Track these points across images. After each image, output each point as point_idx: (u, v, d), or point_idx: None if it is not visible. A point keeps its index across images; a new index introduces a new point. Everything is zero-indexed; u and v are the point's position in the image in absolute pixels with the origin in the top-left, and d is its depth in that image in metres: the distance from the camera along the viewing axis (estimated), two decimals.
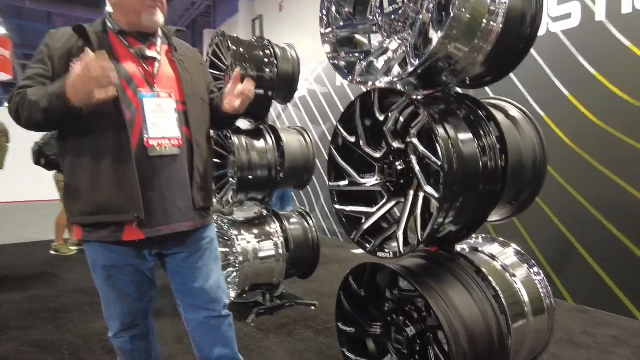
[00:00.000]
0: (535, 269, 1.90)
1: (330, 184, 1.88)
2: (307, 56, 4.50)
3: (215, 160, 3.22)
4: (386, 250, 1.63)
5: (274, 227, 3.11)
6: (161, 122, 1.53)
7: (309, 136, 3.23)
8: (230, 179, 3.07)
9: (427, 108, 1.46)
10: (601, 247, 3.08)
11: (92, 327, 2.87)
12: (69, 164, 1.49)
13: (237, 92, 1.62)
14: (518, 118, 1.82)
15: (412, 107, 1.59)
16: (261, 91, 2.90)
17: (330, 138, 1.84)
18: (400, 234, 1.54)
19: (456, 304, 1.53)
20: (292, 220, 3.26)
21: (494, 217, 1.95)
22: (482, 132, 1.56)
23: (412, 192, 1.58)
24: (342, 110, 1.77)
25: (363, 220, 1.74)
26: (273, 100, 3.12)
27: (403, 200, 1.62)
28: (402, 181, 1.62)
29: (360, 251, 1.79)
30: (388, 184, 1.68)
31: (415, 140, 1.47)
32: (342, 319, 1.91)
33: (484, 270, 1.71)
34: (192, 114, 1.62)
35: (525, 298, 1.80)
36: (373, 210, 1.71)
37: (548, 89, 3.35)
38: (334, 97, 5.73)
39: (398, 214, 1.69)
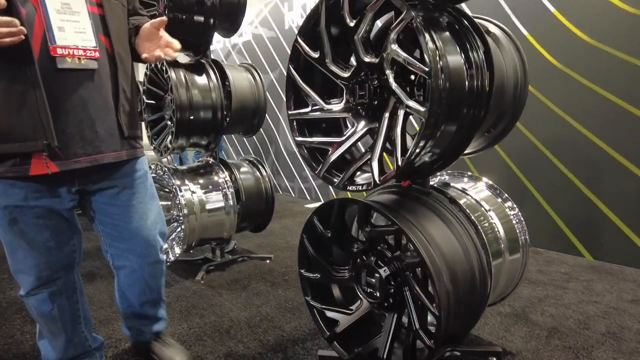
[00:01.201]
0: (510, 203, 1.79)
1: (290, 112, 1.61)
2: None
3: (149, 101, 2.81)
4: (357, 183, 1.41)
5: (222, 176, 2.80)
6: (71, 26, 1.21)
7: (258, 74, 2.89)
8: (168, 123, 2.69)
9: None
10: (553, 189, 3.12)
11: (9, 295, 2.47)
12: None
13: (154, 54, 1.34)
14: (499, 36, 1.63)
15: (388, 15, 1.35)
16: (201, 18, 2.51)
17: (278, 87, 1.57)
18: (375, 163, 1.33)
19: (436, 239, 1.36)
20: (242, 169, 2.96)
21: (467, 148, 1.80)
22: (468, 45, 1.35)
23: (387, 115, 1.36)
24: None
25: (331, 152, 1.50)
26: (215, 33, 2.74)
27: (377, 125, 1.40)
28: (375, 102, 1.39)
29: (314, 205, 1.56)
30: (359, 107, 1.44)
31: (395, 47, 1.23)
32: (305, 265, 1.71)
33: (461, 203, 1.56)
34: (111, 19, 1.31)
35: (502, 234, 1.69)
36: (341, 139, 1.48)
37: None
38: (282, 41, 5.32)
39: (363, 150, 1.48)
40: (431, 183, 1.78)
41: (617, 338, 1.93)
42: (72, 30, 1.22)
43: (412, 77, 1.37)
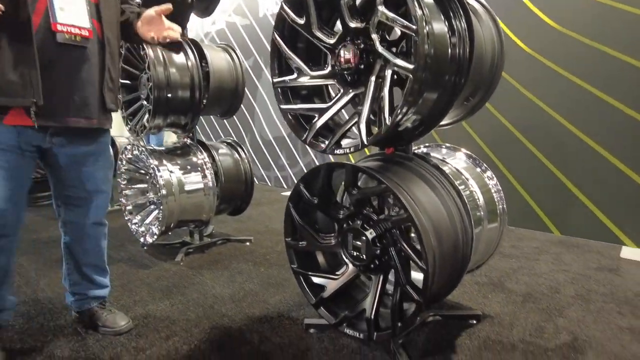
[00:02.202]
0: (489, 173, 1.86)
1: (275, 80, 1.62)
2: None
3: (124, 81, 2.74)
4: (344, 147, 1.44)
5: (201, 157, 2.76)
6: (70, 8, 1.42)
7: (237, 55, 2.87)
8: (144, 103, 2.63)
9: None
10: (523, 169, 3.25)
11: None
12: None
13: (162, 34, 1.63)
14: (477, 8, 1.69)
15: None
16: None
17: (253, 75, 1.59)
18: (362, 125, 1.35)
19: (421, 199, 1.41)
20: (221, 150, 2.94)
21: (445, 119, 1.85)
22: (451, 14, 1.39)
23: (373, 79, 1.38)
24: (267, 44, 1.51)
25: (317, 118, 1.52)
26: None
27: (363, 89, 1.43)
28: (361, 66, 1.41)
29: (289, 193, 1.61)
30: (344, 72, 1.46)
31: (382, 8, 1.26)
32: (290, 234, 1.72)
33: (443, 169, 1.61)
34: (104, 8, 1.52)
35: (482, 202, 1.75)
36: (327, 105, 1.50)
37: None
38: (257, 29, 5.28)
39: (347, 117, 1.51)
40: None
41: (585, 299, 2.04)
42: (71, 12, 1.42)
43: (394, 49, 1.40)
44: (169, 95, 2.52)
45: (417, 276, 1.64)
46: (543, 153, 3.13)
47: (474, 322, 1.82)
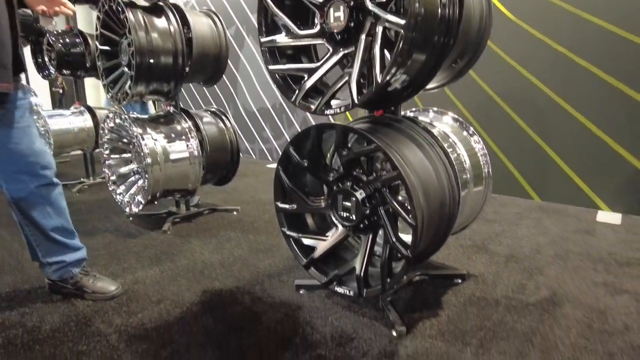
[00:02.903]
0: (476, 137, 1.88)
1: (263, 39, 1.58)
2: None
3: (103, 47, 2.65)
4: (334, 107, 1.43)
5: (186, 125, 2.72)
6: None
7: (220, 20, 2.79)
8: (126, 69, 2.55)
9: None
10: (505, 137, 3.30)
11: None
12: None
13: (54, 8, 1.53)
14: None
15: None
16: None
17: (235, 45, 1.55)
18: (353, 83, 1.35)
19: (411, 159, 1.42)
20: (205, 119, 2.89)
21: (431, 83, 1.86)
22: None
23: (363, 37, 1.37)
24: (249, 13, 1.46)
25: (306, 78, 1.50)
26: None
27: (353, 48, 1.41)
28: (352, 24, 1.40)
29: (275, 165, 1.60)
30: (334, 31, 1.44)
31: None
32: (280, 197, 1.72)
33: (432, 130, 1.63)
34: None
35: (468, 165, 1.78)
36: (317, 64, 1.48)
37: None
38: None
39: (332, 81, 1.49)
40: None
41: (564, 259, 2.13)
42: None
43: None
44: (151, 61, 2.45)
45: (405, 238, 1.68)
46: (525, 121, 3.19)
47: (459, 281, 1.88)
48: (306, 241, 1.69)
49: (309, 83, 1.49)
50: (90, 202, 3.40)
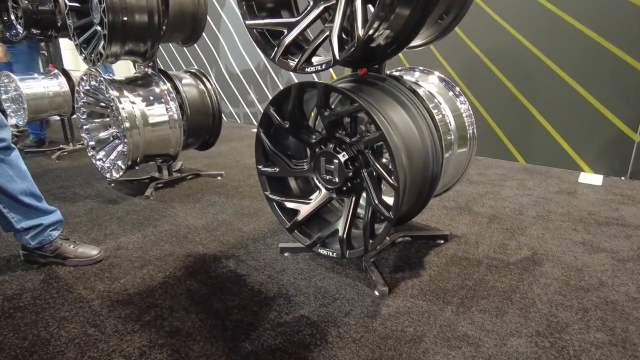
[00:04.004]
0: (462, 98, 1.84)
1: None
2: None
3: (72, 4, 2.50)
4: (315, 64, 1.38)
5: (164, 88, 2.62)
6: None
7: None
8: (98, 28, 2.42)
9: None
10: (492, 99, 3.27)
11: None
12: None
13: None
14: None
15: None
16: None
17: (216, 3, 1.43)
18: (334, 39, 1.29)
19: (393, 118, 1.39)
20: (185, 80, 2.79)
21: (417, 40, 1.80)
22: None
23: None
24: None
25: (285, 34, 1.43)
26: None
27: (334, 1, 1.34)
28: None
29: None
30: None
31: None
32: (262, 161, 1.69)
33: (417, 90, 1.58)
34: None
35: (453, 126, 1.75)
36: (297, 18, 1.41)
37: None
38: None
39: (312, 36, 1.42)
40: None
41: (545, 219, 2.16)
42: None
43: None
44: (125, 19, 2.31)
45: (388, 200, 1.67)
46: (511, 81, 3.15)
47: (442, 242, 1.90)
48: (289, 205, 1.67)
49: (288, 38, 1.42)
50: (71, 168, 3.32)
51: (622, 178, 2.83)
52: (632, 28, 2.62)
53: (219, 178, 2.95)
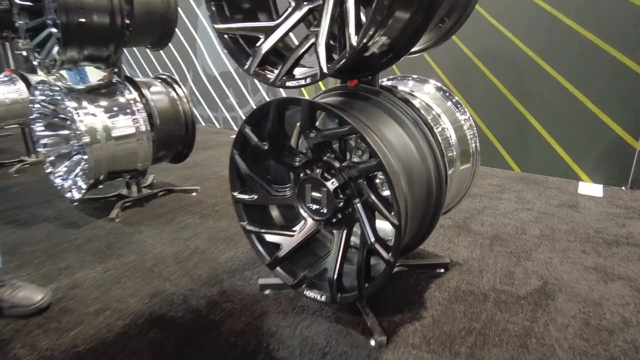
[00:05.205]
0: (462, 108, 1.65)
1: None
2: None
3: (23, 2, 2.22)
4: (297, 78, 1.15)
5: (131, 97, 2.36)
6: None
7: None
8: (53, 30, 2.14)
9: None
10: (486, 105, 3.10)
11: None
12: None
13: None
14: None
15: None
16: None
17: (192, 2, 1.18)
18: (321, 48, 1.06)
19: (391, 140, 1.18)
20: (154, 88, 2.52)
21: (419, 44, 1.59)
22: None
23: None
24: None
25: (262, 40, 1.20)
26: None
27: (320, 1, 1.12)
28: None
29: None
30: None
31: None
32: (238, 187, 1.46)
33: (415, 104, 1.37)
34: None
35: (454, 140, 1.55)
36: (276, 22, 1.18)
37: None
38: None
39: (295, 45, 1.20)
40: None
41: (550, 239, 1.98)
42: None
43: None
44: (83, 19, 2.05)
45: (382, 225, 1.46)
46: (506, 86, 2.98)
47: (442, 270, 1.70)
48: (270, 237, 1.44)
49: (266, 46, 1.19)
50: (30, 184, 3.01)
51: (623, 188, 2.69)
52: (632, 29, 2.47)
53: (194, 194, 2.70)
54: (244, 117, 4.74)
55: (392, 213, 1.09)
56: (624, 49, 2.51)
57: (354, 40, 0.99)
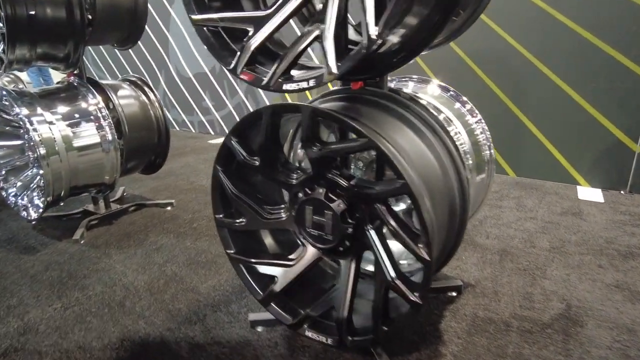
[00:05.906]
0: (469, 106, 1.47)
1: None
2: None
3: None
4: (298, 80, 0.94)
5: (94, 102, 2.09)
6: None
7: None
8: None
9: None
10: (480, 108, 2.95)
11: None
12: None
13: None
14: None
15: None
16: None
17: None
18: (329, 42, 0.85)
19: (412, 157, 0.98)
20: (122, 92, 2.26)
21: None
22: None
23: None
24: None
25: (251, 34, 0.98)
26: None
27: None
28: None
29: (220, 140, 1.08)
30: None
31: None
32: (222, 209, 1.23)
33: (430, 110, 1.18)
34: None
35: (468, 147, 1.37)
36: (267, 11, 0.96)
37: None
38: None
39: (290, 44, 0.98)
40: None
41: (562, 253, 1.83)
42: None
43: None
44: (33, 12, 1.77)
45: (393, 246, 1.26)
46: (500, 87, 2.85)
47: (455, 294, 1.52)
48: (262, 269, 1.22)
49: (256, 41, 0.97)
50: None
51: (622, 192, 2.59)
52: (631, 28, 2.36)
53: (169, 208, 2.44)
54: (221, 121, 4.49)
55: (419, 245, 0.89)
56: (623, 49, 2.41)
57: (372, 31, 0.78)
